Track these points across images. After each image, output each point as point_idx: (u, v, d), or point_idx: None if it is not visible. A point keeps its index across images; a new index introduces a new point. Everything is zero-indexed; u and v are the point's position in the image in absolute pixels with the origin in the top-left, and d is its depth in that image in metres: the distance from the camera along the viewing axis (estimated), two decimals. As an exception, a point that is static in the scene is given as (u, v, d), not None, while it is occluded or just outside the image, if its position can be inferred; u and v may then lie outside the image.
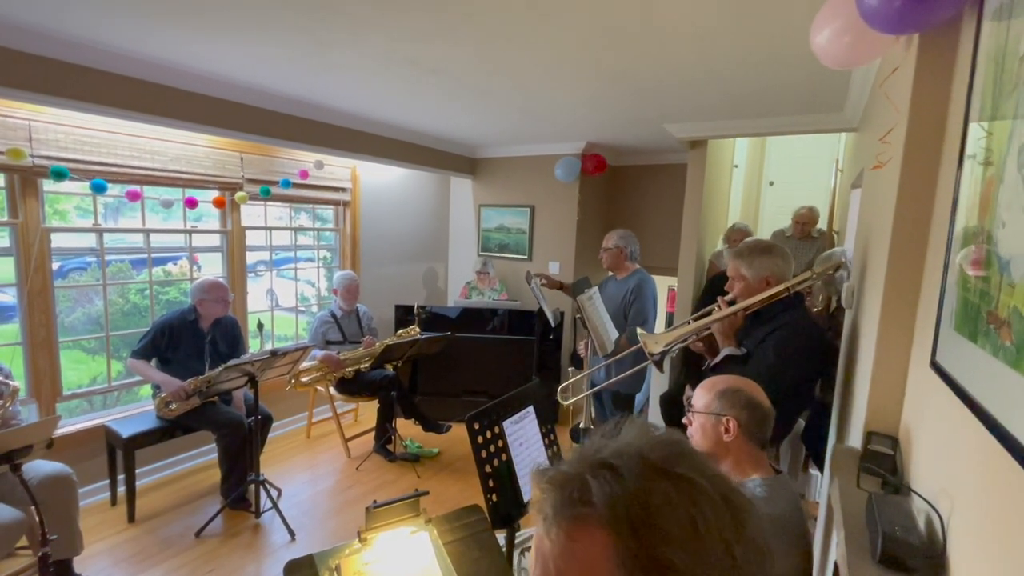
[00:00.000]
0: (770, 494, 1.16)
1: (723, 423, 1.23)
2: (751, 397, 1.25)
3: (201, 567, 2.46)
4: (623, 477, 0.41)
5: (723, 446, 1.24)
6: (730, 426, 1.23)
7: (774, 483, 1.20)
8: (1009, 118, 0.71)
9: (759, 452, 1.25)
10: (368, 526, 1.12)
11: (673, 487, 0.41)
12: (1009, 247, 0.67)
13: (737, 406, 1.24)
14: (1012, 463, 0.60)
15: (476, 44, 2.13)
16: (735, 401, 1.24)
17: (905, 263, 1.23)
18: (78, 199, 3.22)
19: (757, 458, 1.25)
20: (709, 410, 1.26)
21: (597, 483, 0.42)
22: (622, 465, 0.42)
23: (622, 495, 0.41)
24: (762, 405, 1.25)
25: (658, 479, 0.41)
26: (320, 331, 3.64)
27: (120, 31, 2.15)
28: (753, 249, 1.83)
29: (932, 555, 0.85)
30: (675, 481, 0.41)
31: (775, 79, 2.41)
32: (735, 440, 1.23)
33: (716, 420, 1.24)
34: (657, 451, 0.44)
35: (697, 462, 0.44)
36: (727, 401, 1.25)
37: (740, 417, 1.23)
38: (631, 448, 0.44)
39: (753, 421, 1.23)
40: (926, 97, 1.15)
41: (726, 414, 1.24)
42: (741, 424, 1.22)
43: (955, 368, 0.86)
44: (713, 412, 1.25)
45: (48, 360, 2.81)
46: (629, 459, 0.43)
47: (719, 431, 1.24)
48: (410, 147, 4.26)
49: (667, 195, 4.67)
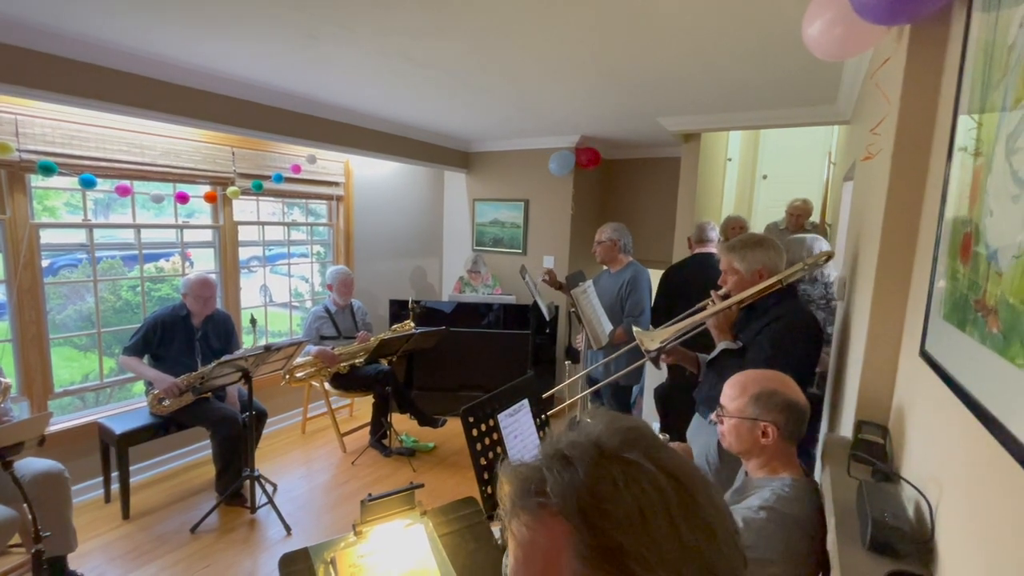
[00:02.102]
0: (796, 494, 1.13)
1: (760, 427, 1.18)
2: (788, 398, 1.19)
3: (197, 563, 2.46)
4: (575, 467, 0.43)
5: (759, 447, 1.20)
6: (768, 431, 1.17)
7: (802, 485, 1.16)
8: (998, 107, 0.71)
9: (792, 450, 1.21)
10: (363, 519, 1.12)
11: (621, 472, 0.42)
12: (997, 236, 0.68)
13: (775, 410, 1.18)
14: (999, 449, 0.61)
15: (468, 37, 2.12)
16: (772, 405, 1.18)
17: (895, 254, 1.24)
18: (68, 195, 3.18)
19: (788, 456, 1.21)
20: (744, 414, 1.20)
21: (552, 475, 0.43)
22: (575, 455, 0.43)
23: (573, 484, 0.42)
24: (799, 404, 1.19)
25: (608, 465, 0.42)
26: (314, 326, 3.63)
27: (108, 25, 2.12)
28: (745, 243, 1.84)
29: (921, 540, 0.86)
30: (623, 466, 0.42)
31: (768, 72, 2.42)
32: (772, 443, 1.18)
33: (752, 424, 1.19)
34: (612, 438, 0.45)
35: (648, 445, 0.44)
36: (763, 406, 1.19)
37: (779, 421, 1.17)
38: (589, 438, 0.45)
39: (792, 422, 1.18)
40: (917, 87, 1.16)
41: (764, 420, 1.18)
42: (780, 428, 1.17)
43: (944, 357, 0.87)
44: (748, 417, 1.20)
45: (39, 357, 2.78)
46: (583, 449, 0.44)
47: (755, 435, 1.19)
48: (403, 141, 4.24)
49: (661, 189, 4.67)
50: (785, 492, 1.14)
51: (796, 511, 1.10)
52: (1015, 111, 0.65)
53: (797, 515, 1.10)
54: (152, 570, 2.40)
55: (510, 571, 0.46)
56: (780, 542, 1.06)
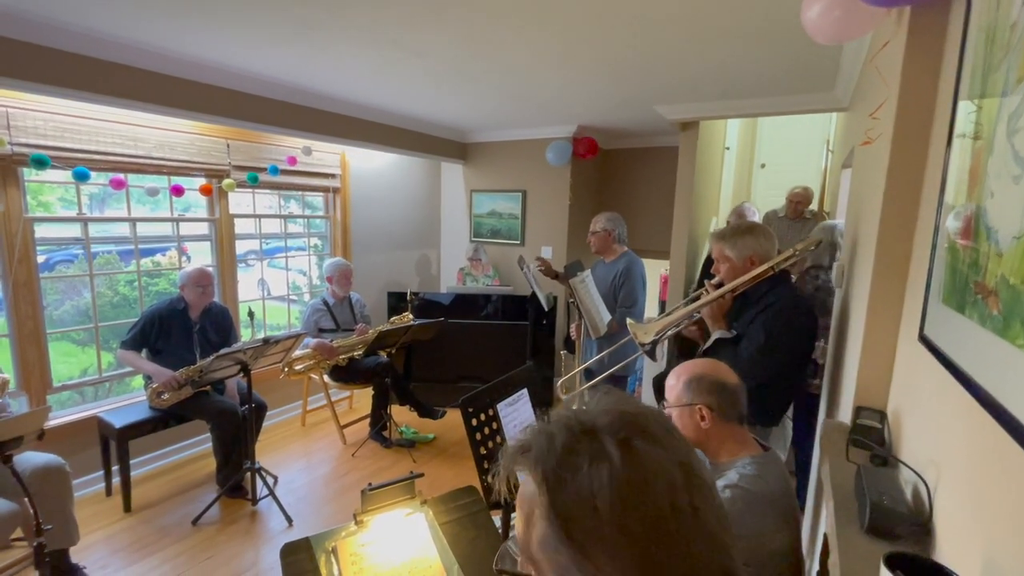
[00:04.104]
0: (760, 471, 1.17)
1: (697, 412, 1.23)
2: (715, 379, 1.24)
3: (199, 554, 2.47)
4: (554, 437, 0.47)
5: (703, 433, 1.24)
6: (704, 414, 1.23)
7: (764, 461, 1.20)
8: (999, 87, 0.71)
9: (740, 430, 1.25)
10: (364, 508, 1.13)
11: (587, 448, 0.45)
12: (997, 217, 0.67)
13: (704, 392, 1.23)
14: (998, 429, 0.61)
15: (462, 24, 2.09)
16: (701, 388, 1.24)
17: (894, 239, 1.24)
18: (62, 190, 3.15)
19: (740, 436, 1.25)
20: (680, 402, 1.26)
21: (535, 439, 0.48)
22: (557, 428, 0.48)
23: (545, 451, 0.47)
24: (728, 384, 1.24)
25: (579, 440, 0.46)
26: (312, 319, 3.62)
27: (99, 15, 2.09)
28: (735, 230, 1.84)
29: (919, 523, 0.87)
30: (591, 444, 0.46)
31: (766, 58, 2.40)
32: (712, 425, 1.23)
33: (690, 411, 1.24)
34: (600, 418, 0.48)
35: (639, 432, 0.46)
36: (693, 390, 1.25)
37: (711, 403, 1.23)
38: (579, 415, 0.49)
39: (725, 403, 1.22)
40: (917, 70, 1.15)
41: (696, 403, 1.23)
42: (714, 409, 1.22)
43: (943, 340, 0.87)
44: (684, 403, 1.25)
45: (36, 352, 2.78)
46: (566, 422, 0.48)
47: (696, 420, 1.24)
48: (399, 132, 4.21)
49: (659, 178, 4.65)
50: (747, 470, 1.17)
51: (760, 487, 1.14)
52: (1017, 90, 0.64)
53: (762, 491, 1.13)
54: (154, 562, 2.41)
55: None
56: (748, 519, 1.10)
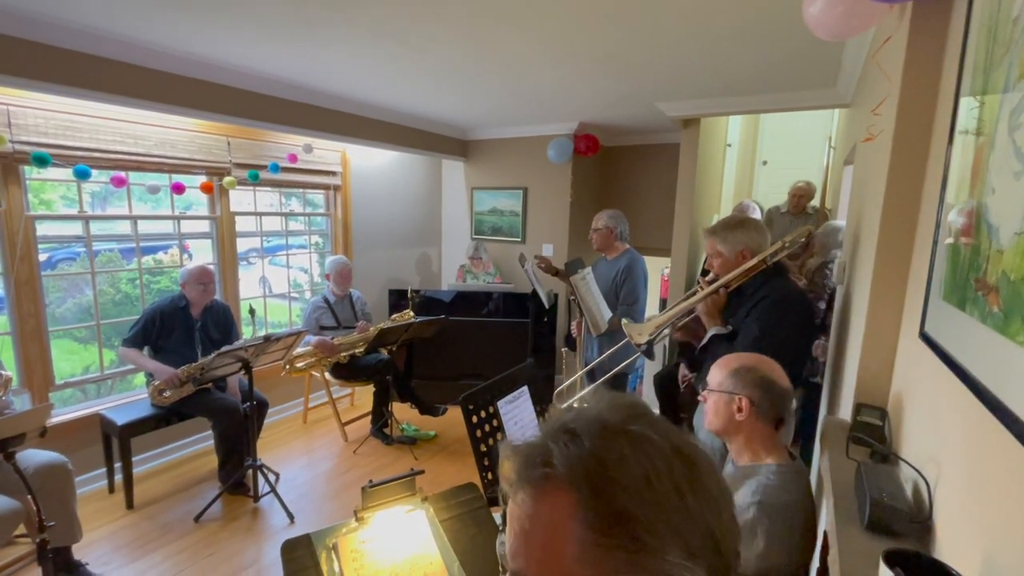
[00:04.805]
0: (782, 482, 1.14)
1: (736, 402, 1.22)
2: (765, 376, 1.22)
3: (202, 551, 2.48)
4: (581, 439, 0.44)
5: (735, 424, 1.22)
6: (743, 405, 1.21)
7: (788, 470, 1.17)
8: (1001, 83, 0.70)
9: (773, 433, 1.23)
10: (365, 505, 1.13)
11: (627, 443, 0.43)
12: (998, 213, 0.67)
13: (750, 385, 1.21)
14: (999, 426, 0.61)
15: (463, 21, 2.09)
16: (748, 380, 1.22)
17: (896, 236, 1.24)
18: (64, 189, 3.16)
19: (771, 440, 1.23)
20: (722, 388, 1.24)
21: (557, 447, 0.44)
22: (580, 428, 0.45)
23: (579, 455, 0.43)
24: (776, 384, 1.22)
25: (613, 438, 0.44)
26: (313, 316, 3.63)
27: (99, 13, 2.08)
28: (726, 225, 1.84)
29: (919, 520, 0.86)
30: (629, 438, 0.44)
31: (768, 54, 2.38)
32: (747, 419, 1.21)
33: (729, 398, 1.23)
34: (614, 414, 0.46)
35: (651, 420, 0.46)
36: (740, 380, 1.23)
37: (753, 396, 1.21)
38: (590, 413, 0.47)
39: (766, 400, 1.20)
40: (919, 65, 1.14)
41: (739, 393, 1.22)
42: (754, 403, 1.20)
43: (943, 337, 0.87)
44: (726, 391, 1.24)
45: (39, 350, 2.78)
46: (587, 423, 0.45)
47: (731, 409, 1.22)
48: (400, 129, 4.20)
49: (660, 175, 4.64)
50: (771, 481, 1.14)
51: (784, 499, 1.11)
52: (1018, 87, 0.64)
53: (785, 503, 1.11)
54: (157, 558, 2.42)
55: (508, 547, 0.46)
56: (772, 534, 1.07)
